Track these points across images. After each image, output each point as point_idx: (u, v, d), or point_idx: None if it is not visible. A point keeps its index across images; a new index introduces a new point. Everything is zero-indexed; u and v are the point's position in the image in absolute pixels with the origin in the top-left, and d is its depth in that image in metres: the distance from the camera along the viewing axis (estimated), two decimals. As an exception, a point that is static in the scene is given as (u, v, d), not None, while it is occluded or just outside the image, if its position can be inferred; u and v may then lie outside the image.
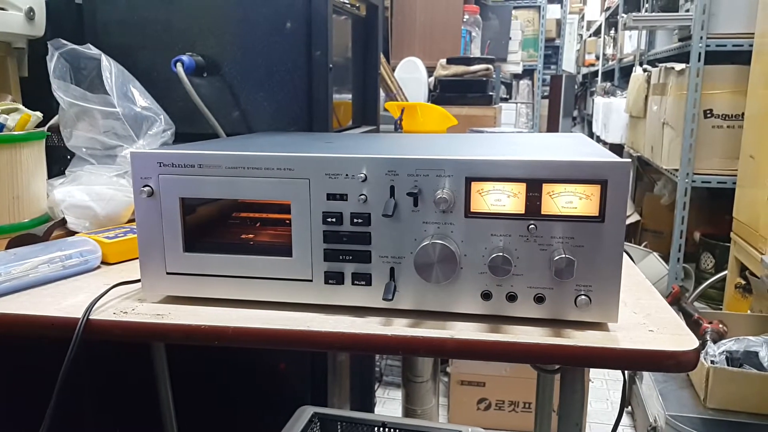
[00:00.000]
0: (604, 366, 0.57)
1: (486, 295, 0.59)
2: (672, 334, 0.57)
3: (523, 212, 0.57)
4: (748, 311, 2.06)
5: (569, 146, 0.70)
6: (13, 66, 1.07)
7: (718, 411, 1.54)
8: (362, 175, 0.59)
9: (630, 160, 0.56)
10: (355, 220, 0.60)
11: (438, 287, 0.60)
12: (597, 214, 0.56)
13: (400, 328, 0.59)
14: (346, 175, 0.60)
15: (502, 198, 0.58)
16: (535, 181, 0.57)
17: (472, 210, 0.58)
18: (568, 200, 0.57)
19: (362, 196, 0.60)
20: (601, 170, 0.56)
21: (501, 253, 0.57)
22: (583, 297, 0.57)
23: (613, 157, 0.57)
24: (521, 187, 0.57)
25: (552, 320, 0.59)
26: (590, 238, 0.57)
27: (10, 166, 0.84)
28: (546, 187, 0.57)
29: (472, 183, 0.58)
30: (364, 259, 0.61)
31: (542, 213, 0.57)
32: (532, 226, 0.57)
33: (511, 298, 0.59)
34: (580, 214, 0.57)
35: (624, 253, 0.59)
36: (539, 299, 0.59)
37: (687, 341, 0.56)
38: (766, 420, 1.50)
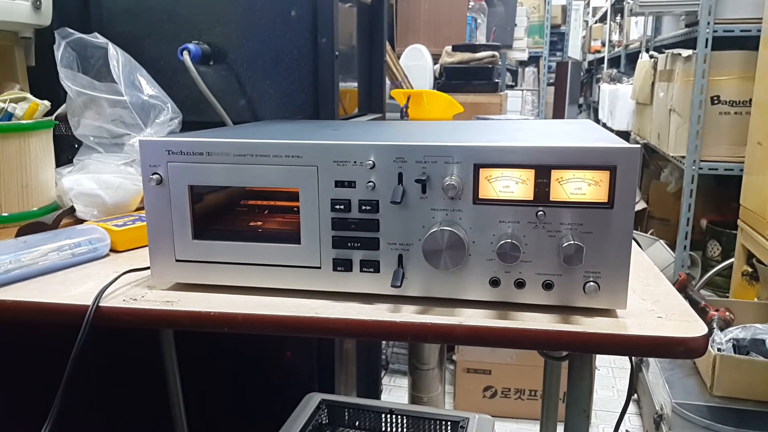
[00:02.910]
0: (613, 352, 0.57)
1: (494, 282, 0.59)
2: (681, 321, 0.57)
3: (531, 199, 0.57)
4: (755, 299, 2.06)
5: (577, 132, 0.69)
6: (20, 55, 1.07)
7: (725, 399, 1.54)
8: (370, 162, 0.59)
9: (638, 146, 0.56)
10: (364, 207, 0.60)
11: (446, 274, 0.60)
12: (606, 201, 0.56)
13: (408, 314, 0.59)
14: (354, 162, 0.60)
15: (510, 184, 0.57)
16: (543, 167, 0.57)
17: (480, 197, 0.58)
18: (577, 186, 0.56)
19: (370, 183, 0.60)
20: (610, 156, 0.55)
21: (509, 240, 0.57)
22: (591, 283, 0.57)
23: (622, 143, 0.57)
24: (530, 174, 0.57)
25: (560, 307, 0.59)
26: (599, 224, 0.57)
27: (19, 154, 0.84)
28: (555, 174, 0.56)
29: (481, 169, 0.58)
30: (373, 246, 0.61)
31: (551, 199, 0.57)
32: (541, 212, 0.57)
33: (520, 284, 0.59)
34: (589, 200, 0.56)
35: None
36: (548, 286, 0.59)
37: (696, 327, 0.56)
38: (772, 407, 1.50)
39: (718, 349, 1.59)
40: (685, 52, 2.49)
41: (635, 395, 2.02)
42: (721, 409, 1.52)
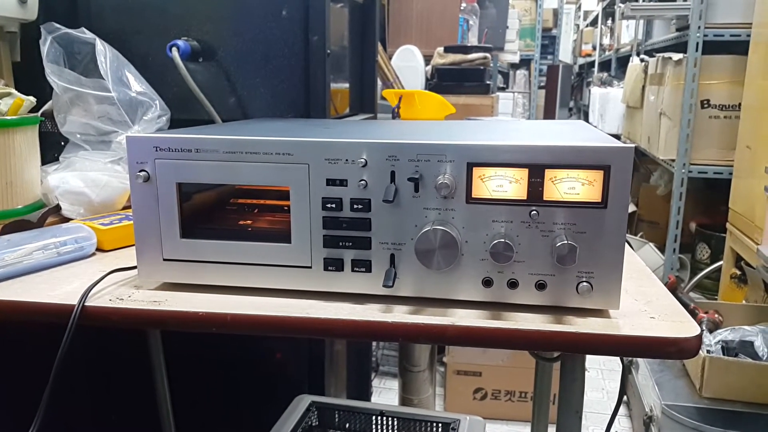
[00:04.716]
0: (606, 353, 0.56)
1: (487, 282, 0.59)
2: (673, 321, 0.57)
3: (525, 198, 0.57)
4: (743, 301, 2.07)
5: (571, 132, 0.69)
6: (5, 50, 1.05)
7: (714, 400, 1.55)
8: (362, 160, 0.58)
9: (633, 145, 0.56)
10: (355, 206, 0.60)
11: (439, 274, 0.59)
12: (599, 200, 0.56)
13: (400, 315, 0.58)
14: (346, 160, 0.59)
15: (503, 184, 0.57)
16: (537, 166, 0.56)
17: (473, 196, 0.57)
18: (571, 186, 0.56)
19: (362, 182, 0.59)
20: (604, 155, 0.55)
21: (502, 240, 0.56)
22: (584, 284, 0.57)
23: (616, 143, 0.56)
24: (523, 173, 0.56)
25: (553, 307, 0.59)
26: (592, 224, 0.56)
27: (3, 151, 0.83)
28: (548, 173, 0.56)
29: (474, 168, 0.57)
30: (364, 245, 0.60)
31: (544, 199, 0.56)
32: (534, 212, 0.57)
33: (513, 284, 0.58)
34: (583, 200, 0.56)
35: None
36: (541, 286, 0.58)
37: (688, 328, 0.56)
38: (761, 409, 1.50)
39: (707, 351, 1.60)
40: (676, 56, 2.50)
41: (624, 397, 2.03)
42: (710, 410, 1.53)
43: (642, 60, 3.12)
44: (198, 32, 1.08)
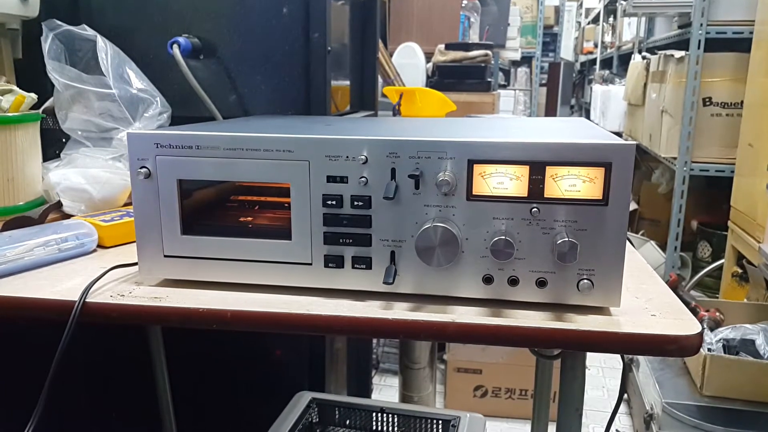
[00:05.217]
0: (606, 350, 0.56)
1: (487, 279, 0.59)
2: (674, 319, 0.57)
3: (525, 195, 0.57)
4: (745, 300, 2.06)
5: (572, 129, 0.69)
6: (6, 47, 1.05)
7: (715, 398, 1.55)
8: (363, 157, 0.58)
9: (634, 142, 0.55)
10: (356, 203, 0.60)
11: (439, 271, 0.59)
12: (601, 198, 0.56)
13: (400, 311, 0.58)
14: (347, 157, 0.59)
15: (504, 181, 0.57)
16: (538, 163, 0.56)
17: (474, 193, 0.57)
18: (572, 183, 0.56)
19: (363, 179, 0.59)
20: (605, 152, 0.55)
21: (503, 237, 0.56)
22: (585, 281, 0.57)
23: (617, 140, 0.56)
24: (524, 170, 0.56)
25: (554, 304, 0.59)
26: (593, 221, 0.56)
27: (5, 147, 0.83)
28: (549, 170, 0.56)
29: (475, 165, 0.57)
30: (365, 242, 0.60)
31: (545, 196, 0.56)
32: (535, 209, 0.57)
33: (513, 282, 0.58)
34: (584, 197, 0.56)
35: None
36: (541, 283, 0.58)
37: (689, 326, 0.56)
38: (762, 407, 1.50)
39: (708, 349, 1.59)
40: (678, 54, 2.49)
41: (625, 395, 2.03)
42: (710, 408, 1.53)
43: (644, 57, 3.11)
44: (199, 29, 1.08)
